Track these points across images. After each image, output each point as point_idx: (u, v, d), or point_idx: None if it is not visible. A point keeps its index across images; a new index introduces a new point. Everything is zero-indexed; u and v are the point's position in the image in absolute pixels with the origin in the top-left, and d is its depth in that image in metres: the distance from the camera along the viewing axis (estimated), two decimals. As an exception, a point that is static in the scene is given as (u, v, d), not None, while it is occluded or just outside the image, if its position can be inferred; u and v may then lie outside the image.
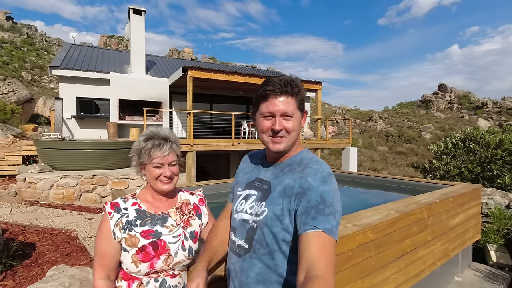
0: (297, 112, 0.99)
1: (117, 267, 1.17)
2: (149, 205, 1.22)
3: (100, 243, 1.14)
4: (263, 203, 1.01)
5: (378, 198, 4.08)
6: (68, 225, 4.58)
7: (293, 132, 0.99)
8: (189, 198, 1.33)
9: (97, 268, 1.13)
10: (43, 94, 22.57)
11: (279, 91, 0.96)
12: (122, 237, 1.13)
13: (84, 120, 10.52)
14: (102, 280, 1.11)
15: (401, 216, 2.31)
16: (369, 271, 2.05)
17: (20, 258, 3.34)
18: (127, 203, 1.20)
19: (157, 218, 1.20)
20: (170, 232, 1.19)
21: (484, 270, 3.46)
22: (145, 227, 1.16)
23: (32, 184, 5.72)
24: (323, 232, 0.83)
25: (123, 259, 1.14)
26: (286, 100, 0.97)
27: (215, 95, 12.95)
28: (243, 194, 1.12)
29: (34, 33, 41.62)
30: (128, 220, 1.16)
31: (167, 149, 1.17)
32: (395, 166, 23.79)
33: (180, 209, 1.26)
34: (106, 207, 1.18)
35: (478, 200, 3.52)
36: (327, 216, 0.86)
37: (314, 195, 0.89)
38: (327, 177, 0.93)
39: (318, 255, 0.79)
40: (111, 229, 1.14)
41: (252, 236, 1.01)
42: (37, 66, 31.06)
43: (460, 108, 38.15)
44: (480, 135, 5.92)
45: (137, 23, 11.43)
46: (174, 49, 56.87)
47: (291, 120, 0.98)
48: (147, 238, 1.14)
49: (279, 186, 0.99)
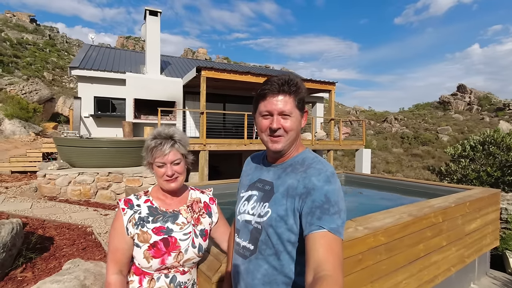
0: (295, 111, 0.99)
1: (129, 262, 1.20)
2: (161, 203, 1.25)
3: (114, 239, 1.18)
4: (266, 204, 1.01)
5: (391, 201, 4.00)
6: (84, 220, 4.72)
7: (291, 131, 0.99)
8: (199, 196, 1.35)
9: (110, 263, 1.16)
10: (63, 94, 23.37)
11: (276, 90, 0.97)
12: (135, 233, 1.17)
13: (101, 119, 10.83)
14: (115, 275, 1.14)
15: (414, 220, 2.26)
16: (379, 275, 2.02)
17: (39, 251, 3.47)
18: (140, 200, 1.24)
19: (168, 215, 1.22)
20: (181, 229, 1.21)
21: (503, 278, 3.33)
22: (156, 224, 1.19)
23: (52, 180, 5.94)
24: (329, 232, 0.83)
25: (135, 254, 1.17)
26: (284, 99, 0.97)
27: (228, 95, 13.04)
28: (245, 195, 1.13)
29: (55, 35, 43.17)
30: (141, 216, 1.19)
31: (167, 148, 1.18)
32: (410, 168, 23.21)
33: (190, 207, 1.29)
34: (120, 203, 1.22)
35: (497, 205, 3.40)
36: (332, 216, 0.86)
37: (318, 195, 0.89)
38: (331, 177, 0.93)
39: (326, 255, 0.79)
40: (124, 225, 1.17)
41: (257, 237, 1.01)
42: (58, 66, 32.19)
43: (480, 110, 36.80)
44: (501, 138, 5.68)
45: (153, 24, 11.66)
46: (188, 49, 57.61)
47: (289, 119, 0.98)
48: (159, 235, 1.17)
49: (282, 187, 0.99)
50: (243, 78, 9.93)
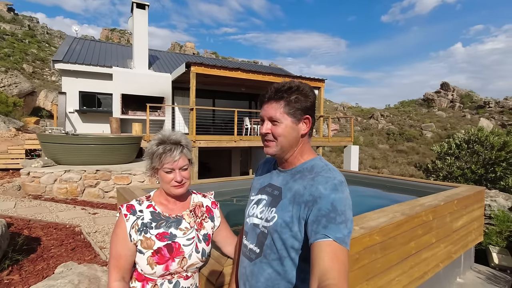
0: (286, 118, 0.99)
1: (131, 269, 1.18)
2: (164, 208, 1.23)
3: (116, 245, 1.15)
4: (273, 209, 1.01)
5: (382, 198, 4.09)
6: (72, 220, 4.60)
7: (281, 137, 1.00)
8: (201, 200, 1.34)
9: (113, 270, 1.14)
10: (44, 87, 22.55)
11: (267, 97, 1.02)
12: (138, 239, 1.15)
13: (86, 115, 10.53)
14: (117, 282, 1.12)
15: (407, 219, 2.32)
16: (374, 273, 2.06)
17: (25, 253, 3.36)
18: (142, 205, 1.22)
19: (171, 221, 1.21)
20: (184, 235, 1.20)
21: (486, 272, 3.48)
22: (160, 230, 1.17)
23: (36, 178, 5.74)
24: (334, 242, 0.83)
25: (138, 260, 1.15)
26: (274, 106, 0.99)
27: (217, 91, 12.92)
28: (255, 199, 1.14)
29: (35, 25, 41.43)
30: (144, 222, 1.17)
31: (177, 154, 1.16)
32: (395, 164, 23.80)
33: (193, 212, 1.28)
34: (122, 209, 1.19)
35: (481, 202, 3.54)
36: (338, 225, 0.85)
37: (325, 203, 0.88)
38: (339, 185, 0.92)
39: (331, 264, 0.79)
40: (127, 231, 1.15)
41: (262, 241, 1.02)
42: (38, 58, 30.99)
43: (462, 107, 38.04)
44: (485, 136, 5.90)
45: (140, 18, 11.36)
46: (176, 43, 56.62)
47: (278, 125, 0.99)
48: (162, 241, 1.15)
49: (289, 193, 0.99)
50: (233, 74, 9.86)
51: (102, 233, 4.23)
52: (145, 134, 8.60)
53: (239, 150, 14.01)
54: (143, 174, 6.52)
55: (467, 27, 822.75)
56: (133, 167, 6.70)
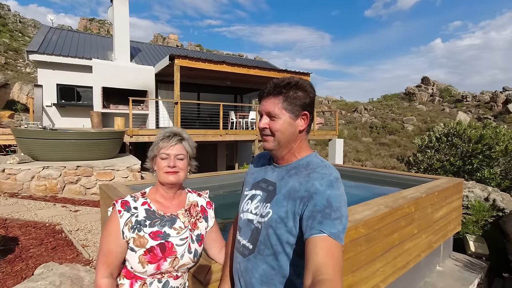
0: (284, 113, 0.99)
1: (120, 265, 1.16)
2: (159, 206, 1.21)
3: (108, 241, 1.12)
4: (268, 205, 1.01)
5: (367, 191, 4.18)
6: (52, 218, 4.44)
7: (278, 133, 0.99)
8: (196, 199, 1.32)
9: (101, 266, 1.11)
10: (18, 79, 21.46)
11: (266, 92, 1.02)
12: (131, 237, 1.12)
13: (65, 108, 10.12)
14: (105, 279, 1.10)
15: (390, 211, 2.38)
16: (359, 265, 2.11)
17: (2, 253, 3.22)
18: (137, 202, 1.19)
19: (166, 220, 1.18)
20: (178, 234, 1.18)
21: (463, 260, 3.65)
22: (154, 228, 1.15)
23: (12, 175, 5.48)
24: (329, 237, 0.83)
25: (129, 258, 1.13)
26: (272, 101, 0.99)
27: (202, 85, 12.73)
28: (249, 194, 1.13)
29: (6, 13, 39.16)
30: (138, 220, 1.14)
31: (174, 141, 1.18)
32: (378, 157, 24.42)
33: (188, 211, 1.25)
34: (116, 205, 1.16)
35: (460, 193, 3.68)
36: (333, 221, 0.85)
37: (320, 199, 0.89)
38: (334, 182, 0.92)
39: (325, 260, 0.80)
40: (120, 228, 1.12)
41: (256, 236, 1.02)
42: (11, 48, 29.39)
43: (442, 101, 39.35)
44: (463, 130, 6.15)
45: (121, 7, 10.94)
46: (159, 35, 55.13)
47: (275, 120, 0.99)
48: (156, 239, 1.13)
49: (284, 188, 0.99)
50: (219, 68, 9.72)
51: (84, 230, 4.11)
52: (128, 129, 8.38)
53: (224, 144, 13.93)
54: (127, 170, 6.37)
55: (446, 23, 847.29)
56: (116, 162, 6.52)
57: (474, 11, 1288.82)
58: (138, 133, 8.43)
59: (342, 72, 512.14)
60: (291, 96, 0.98)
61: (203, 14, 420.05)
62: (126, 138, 8.13)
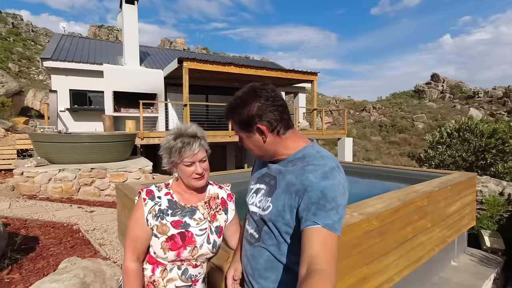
0: (242, 133, 1.05)
1: (146, 251, 1.22)
2: (181, 197, 1.26)
3: (134, 228, 1.20)
4: (269, 199, 1.05)
5: (378, 188, 4.17)
6: (70, 218, 4.57)
7: (252, 149, 1.08)
8: (217, 192, 1.36)
9: (129, 250, 1.19)
10: (32, 86, 22.05)
11: (225, 116, 1.11)
12: (154, 224, 1.18)
13: (78, 113, 10.37)
14: (133, 262, 1.18)
15: (403, 205, 2.39)
16: (373, 257, 2.13)
17: (24, 252, 3.34)
18: (161, 192, 1.25)
19: (186, 210, 1.24)
20: (198, 225, 1.23)
21: (478, 255, 3.60)
22: (175, 217, 1.21)
23: (30, 178, 5.67)
24: (323, 228, 0.85)
25: (153, 244, 1.19)
26: (232, 124, 1.08)
27: (210, 87, 12.85)
28: (254, 187, 1.18)
29: (19, 23, 40.28)
30: (161, 208, 1.21)
31: (196, 147, 1.18)
32: (388, 155, 24.13)
33: (208, 203, 1.30)
34: (142, 193, 1.22)
35: (473, 188, 3.64)
36: (328, 212, 0.87)
37: (315, 191, 0.90)
38: (329, 172, 0.92)
39: (320, 251, 0.82)
40: (144, 216, 1.19)
41: (261, 227, 1.08)
42: (24, 57, 30.21)
43: (452, 98, 38.62)
44: (475, 124, 6.05)
45: (130, 13, 11.17)
46: (166, 39, 55.81)
47: (243, 140, 1.08)
48: (177, 228, 1.19)
49: (283, 182, 1.03)
50: (226, 69, 9.82)
51: (100, 230, 4.22)
52: (139, 131, 8.54)
53: (233, 145, 14.02)
54: (139, 171, 6.50)
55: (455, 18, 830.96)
56: (128, 164, 6.66)
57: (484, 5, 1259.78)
58: (149, 136, 8.58)
59: (349, 71, 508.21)
60: (235, 118, 1.04)
61: (208, 17, 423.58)
62: (137, 141, 8.28)
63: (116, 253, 3.53)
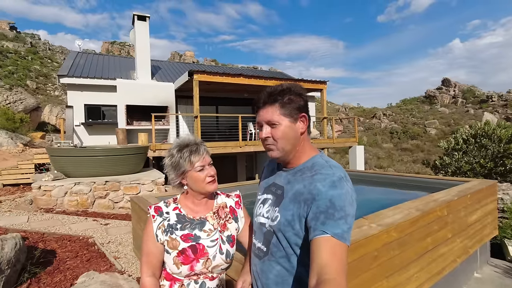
0: (283, 119, 1.01)
1: (161, 266, 1.23)
2: (189, 210, 1.27)
3: (147, 243, 1.21)
4: (277, 208, 1.04)
5: (393, 197, 4.08)
6: (85, 231, 4.63)
7: (281, 139, 1.02)
8: (225, 201, 1.36)
9: (144, 266, 1.20)
10: (48, 102, 22.82)
11: (262, 102, 1.04)
12: (164, 240, 1.19)
13: (92, 127, 10.64)
14: (149, 278, 1.19)
15: (422, 215, 2.33)
16: (394, 270, 2.07)
17: (42, 266, 3.39)
18: (169, 208, 1.26)
19: (195, 223, 1.24)
20: (208, 236, 1.23)
21: (503, 266, 3.45)
22: (185, 231, 1.21)
23: (47, 192, 5.80)
24: (332, 237, 0.84)
25: (166, 260, 1.20)
26: (270, 109, 1.02)
27: (220, 98, 13.01)
28: (261, 198, 1.17)
29: (37, 42, 42.09)
30: (170, 223, 1.22)
31: (203, 151, 1.22)
32: (401, 163, 23.66)
33: (217, 213, 1.30)
34: (150, 210, 1.24)
35: (494, 195, 3.52)
36: (337, 221, 0.86)
37: (323, 200, 0.90)
38: (337, 182, 0.93)
39: (329, 260, 0.80)
40: (154, 231, 1.20)
41: (269, 239, 1.06)
42: (41, 74, 31.41)
43: (465, 103, 37.84)
44: (492, 130, 5.88)
45: (142, 29, 11.53)
46: (175, 53, 57.16)
47: (276, 127, 1.01)
48: (187, 242, 1.19)
49: (291, 192, 1.02)
50: (236, 80, 9.94)
51: (115, 243, 4.26)
52: (151, 144, 8.67)
53: (244, 156, 14.04)
54: (152, 183, 6.56)
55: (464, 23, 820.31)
56: (141, 177, 6.74)
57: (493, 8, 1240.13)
58: (161, 148, 8.69)
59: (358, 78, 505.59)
60: (286, 101, 1.02)
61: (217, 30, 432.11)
62: (149, 153, 8.40)
63: (131, 266, 3.54)
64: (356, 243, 1.74)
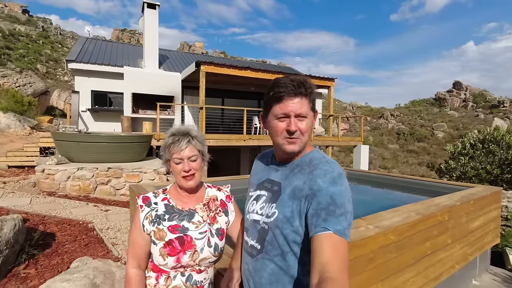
0: (310, 113, 0.99)
1: (147, 258, 1.22)
2: (178, 201, 1.25)
3: (133, 233, 1.20)
4: (273, 205, 1.01)
5: (394, 198, 4.03)
6: (85, 216, 4.68)
7: (306, 133, 1.00)
8: (216, 194, 1.34)
9: (130, 257, 1.19)
10: (57, 87, 23.03)
11: (293, 93, 0.96)
12: (151, 230, 1.18)
13: (98, 113, 10.70)
14: (134, 269, 1.18)
15: (422, 219, 2.28)
16: (389, 273, 2.03)
17: (41, 248, 3.44)
18: (157, 198, 1.24)
19: (184, 214, 1.22)
20: (197, 228, 1.21)
21: (502, 275, 3.39)
22: (172, 222, 1.19)
23: (50, 175, 5.87)
24: (334, 234, 0.83)
25: (152, 251, 1.19)
26: (300, 101, 0.97)
27: (226, 90, 12.96)
28: (254, 195, 1.14)
29: (49, 26, 42.31)
30: (157, 214, 1.20)
31: (184, 144, 1.18)
32: (406, 164, 23.43)
33: (207, 206, 1.28)
34: (138, 200, 1.23)
35: (498, 203, 3.45)
36: (338, 218, 0.85)
37: (324, 196, 0.88)
38: (337, 178, 0.92)
39: (331, 257, 0.79)
40: (141, 221, 1.19)
41: (263, 237, 1.02)
42: (51, 59, 31.65)
43: (475, 107, 37.15)
44: (501, 136, 5.75)
45: (151, 17, 11.48)
46: (185, 43, 57.01)
47: (305, 120, 0.98)
48: (174, 233, 1.17)
49: (289, 188, 0.99)
50: (243, 73, 9.86)
51: (114, 229, 4.29)
52: (155, 133, 8.69)
53: (247, 149, 14.02)
54: (154, 172, 6.59)
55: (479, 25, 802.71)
56: (143, 165, 6.77)
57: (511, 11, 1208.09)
58: (165, 137, 8.71)
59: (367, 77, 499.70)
60: (311, 95, 0.99)
61: (227, 22, 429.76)
62: (153, 142, 8.43)
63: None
64: (351, 244, 1.70)
